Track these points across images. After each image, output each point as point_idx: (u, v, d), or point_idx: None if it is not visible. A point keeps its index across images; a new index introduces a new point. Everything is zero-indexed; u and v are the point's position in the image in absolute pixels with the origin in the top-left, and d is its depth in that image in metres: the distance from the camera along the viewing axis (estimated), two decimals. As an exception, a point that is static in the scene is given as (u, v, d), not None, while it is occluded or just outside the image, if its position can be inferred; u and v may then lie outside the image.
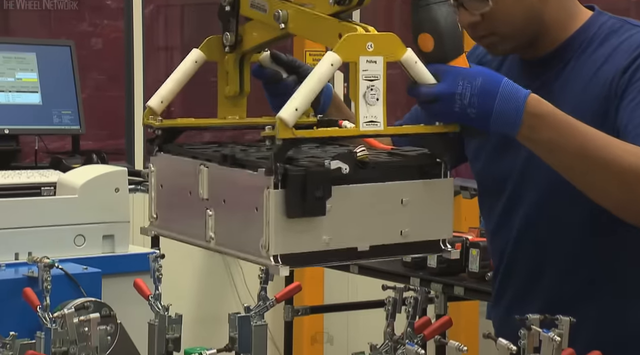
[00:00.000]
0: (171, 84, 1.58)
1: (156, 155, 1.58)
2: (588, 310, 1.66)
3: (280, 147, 1.33)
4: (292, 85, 1.65)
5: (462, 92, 1.43)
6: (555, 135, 1.47)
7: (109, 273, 2.23)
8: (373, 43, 1.36)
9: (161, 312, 1.94)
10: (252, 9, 1.55)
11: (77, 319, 1.59)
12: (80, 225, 2.37)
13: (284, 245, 1.34)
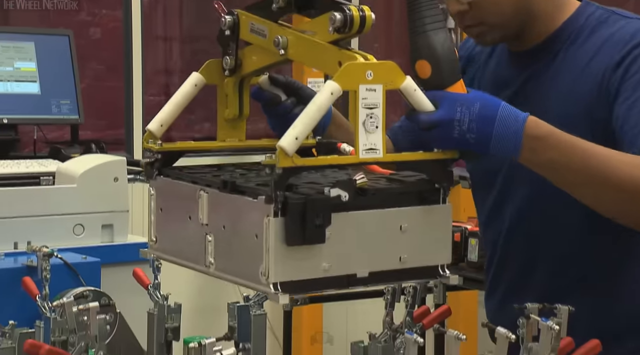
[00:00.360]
0: (171, 108, 1.59)
1: (155, 179, 1.59)
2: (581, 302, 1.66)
3: (280, 176, 1.34)
4: (291, 107, 1.67)
5: (460, 118, 1.44)
6: (556, 155, 1.48)
7: (108, 262, 2.23)
8: (372, 71, 1.38)
9: (160, 301, 1.94)
10: (252, 33, 1.56)
11: (76, 308, 1.59)
12: (79, 214, 2.38)
13: (284, 273, 1.35)
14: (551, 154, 1.48)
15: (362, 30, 1.42)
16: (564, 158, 1.48)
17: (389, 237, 1.36)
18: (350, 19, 1.40)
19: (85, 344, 1.58)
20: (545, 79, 1.68)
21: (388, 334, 1.67)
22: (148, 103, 4.83)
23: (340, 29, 1.41)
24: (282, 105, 1.67)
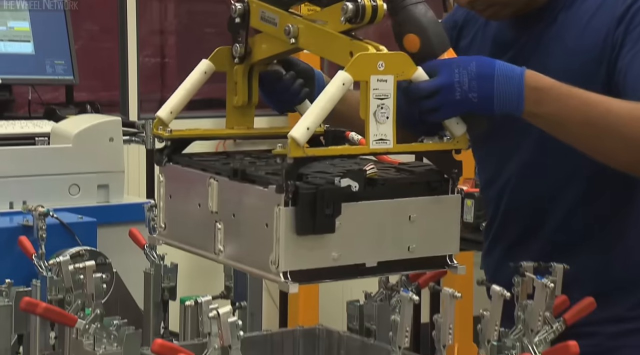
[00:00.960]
0: (180, 94, 1.59)
1: (165, 166, 1.60)
2: (581, 260, 1.66)
3: (291, 166, 1.34)
4: (291, 82, 1.67)
5: (460, 79, 1.44)
6: (560, 106, 1.48)
7: (104, 222, 2.24)
8: (384, 62, 1.38)
9: (156, 261, 1.94)
10: (262, 22, 1.56)
11: (72, 267, 1.59)
12: (74, 174, 2.37)
13: (294, 262, 1.36)
14: (554, 106, 1.48)
15: (374, 20, 1.42)
16: (568, 109, 1.48)
17: (397, 227, 1.36)
18: (362, 9, 1.40)
19: (82, 303, 1.59)
20: (547, 39, 1.67)
21: (384, 293, 1.67)
22: (143, 64, 4.80)
23: (352, 19, 1.41)
24: (282, 81, 1.67)
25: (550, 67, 1.63)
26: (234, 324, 1.33)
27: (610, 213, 1.68)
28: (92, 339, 1.54)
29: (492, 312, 1.40)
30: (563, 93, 1.49)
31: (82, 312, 1.58)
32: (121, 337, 1.55)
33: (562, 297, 1.55)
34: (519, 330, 1.49)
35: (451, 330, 1.36)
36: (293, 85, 1.66)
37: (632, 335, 1.67)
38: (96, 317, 1.55)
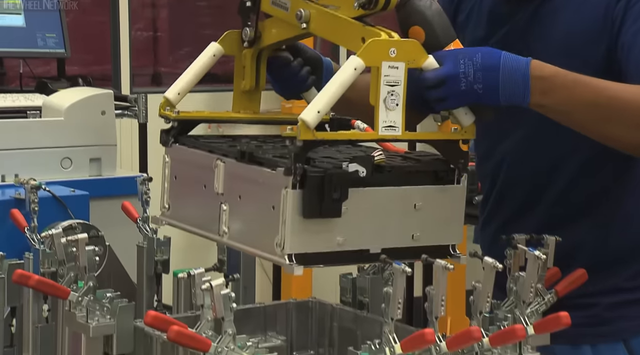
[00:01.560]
0: (189, 76, 1.59)
1: (171, 147, 1.60)
2: (578, 233, 1.67)
3: (300, 148, 1.34)
4: (299, 69, 1.67)
5: (465, 70, 1.44)
6: (567, 94, 1.48)
7: (96, 196, 2.23)
8: (396, 49, 1.38)
9: (150, 234, 1.94)
10: (274, 6, 1.55)
11: (65, 239, 1.59)
12: (66, 148, 2.37)
13: (299, 245, 1.36)
14: (560, 95, 1.48)
15: (387, 7, 1.41)
16: (574, 97, 1.48)
17: (402, 215, 1.36)
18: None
19: (74, 275, 1.58)
20: (543, 14, 1.66)
21: (376, 266, 1.68)
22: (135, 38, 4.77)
23: (366, 5, 1.40)
24: (290, 67, 1.67)
25: (547, 42, 1.62)
26: (226, 296, 1.33)
27: (612, 183, 1.68)
28: (85, 311, 1.55)
29: (484, 283, 1.40)
30: (569, 81, 1.49)
31: (75, 285, 1.58)
32: (114, 309, 1.55)
33: (554, 269, 1.56)
34: (511, 302, 1.49)
35: (443, 302, 1.36)
36: (301, 71, 1.67)
37: (630, 305, 1.68)
38: (89, 289, 1.55)
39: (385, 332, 1.32)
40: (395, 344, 1.32)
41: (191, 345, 1.33)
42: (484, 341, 1.36)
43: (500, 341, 1.36)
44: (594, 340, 1.68)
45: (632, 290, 1.68)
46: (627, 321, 1.68)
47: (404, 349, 1.31)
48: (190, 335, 1.32)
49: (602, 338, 1.68)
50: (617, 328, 1.68)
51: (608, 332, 1.68)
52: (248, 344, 1.33)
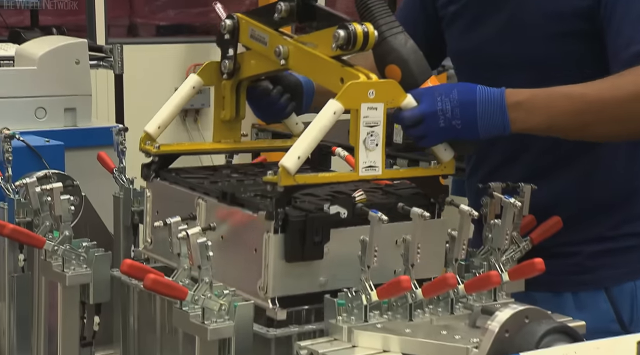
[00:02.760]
0: (169, 109, 1.60)
1: (152, 182, 1.61)
2: (564, 180, 1.68)
3: (282, 194, 1.36)
4: (279, 97, 1.68)
5: (442, 107, 1.46)
6: (546, 112, 1.49)
7: (71, 146, 2.21)
8: (375, 90, 1.40)
9: (126, 185, 1.93)
10: (252, 39, 1.57)
11: (40, 189, 1.58)
12: (40, 97, 2.34)
13: (282, 288, 1.37)
14: (539, 115, 1.49)
15: (365, 47, 1.43)
16: (552, 112, 1.50)
17: (384, 252, 1.36)
18: (354, 36, 1.41)
19: (50, 225, 1.58)
20: None
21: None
22: (110, -12, 4.70)
23: (344, 46, 1.42)
24: (270, 96, 1.68)
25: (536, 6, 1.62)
26: (203, 245, 1.33)
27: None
28: (61, 260, 1.54)
29: (460, 231, 1.41)
30: (544, 99, 1.50)
31: (50, 234, 1.57)
32: (90, 258, 1.55)
33: (529, 217, 1.57)
34: (487, 250, 1.50)
35: (419, 249, 1.37)
36: (280, 100, 1.69)
37: (612, 254, 1.69)
38: (65, 238, 1.55)
39: (362, 280, 1.33)
40: (372, 291, 1.32)
41: (168, 293, 1.33)
42: (459, 288, 1.37)
43: (476, 288, 1.37)
44: (575, 288, 1.69)
45: (615, 239, 1.70)
46: (609, 270, 1.70)
47: (380, 296, 1.32)
48: (166, 283, 1.32)
49: (583, 286, 1.69)
50: (599, 276, 1.69)
51: (590, 280, 1.70)
52: (225, 292, 1.33)
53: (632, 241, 1.70)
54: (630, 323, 1.70)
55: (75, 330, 1.57)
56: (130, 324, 1.61)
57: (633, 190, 1.70)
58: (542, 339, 1.10)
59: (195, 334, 1.33)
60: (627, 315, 1.70)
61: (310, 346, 1.27)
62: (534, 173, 1.65)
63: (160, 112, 1.61)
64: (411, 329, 1.30)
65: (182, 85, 1.63)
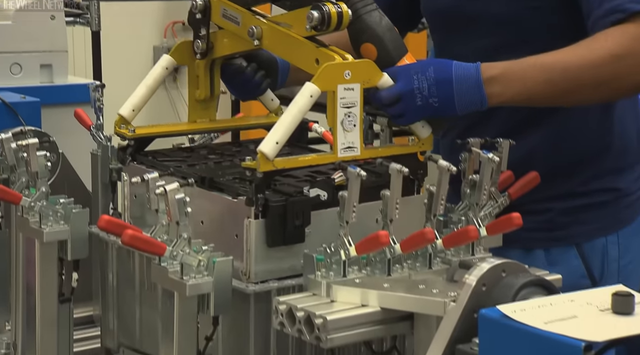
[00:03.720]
0: (142, 91, 1.59)
1: (129, 166, 1.60)
2: (536, 137, 1.68)
3: (261, 180, 1.36)
4: (253, 75, 1.67)
5: (419, 86, 1.45)
6: (521, 84, 1.49)
7: (48, 103, 2.19)
8: (350, 71, 1.40)
9: (103, 142, 1.92)
10: (224, 19, 1.56)
11: (15, 145, 1.56)
12: (15, 53, 2.31)
13: (264, 273, 1.37)
14: (515, 86, 1.49)
15: (340, 27, 1.42)
16: (528, 83, 1.49)
17: (365, 231, 1.36)
18: (328, 16, 1.41)
19: (26, 181, 1.56)
20: None
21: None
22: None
23: (318, 27, 1.41)
24: (244, 74, 1.67)
25: None
26: (181, 201, 1.33)
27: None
28: (38, 216, 1.53)
29: (439, 187, 1.41)
30: (519, 70, 1.50)
31: (27, 191, 1.56)
32: (68, 215, 1.54)
33: (507, 172, 1.57)
34: (465, 206, 1.51)
35: (398, 205, 1.37)
36: (255, 77, 1.68)
37: (583, 210, 1.71)
38: (41, 194, 1.54)
39: (340, 235, 1.33)
40: (350, 246, 1.33)
41: (146, 249, 1.33)
42: (437, 243, 1.37)
43: (453, 242, 1.38)
44: (547, 244, 1.70)
45: (586, 195, 1.70)
46: (581, 226, 1.71)
47: (358, 251, 1.33)
48: (144, 239, 1.32)
49: (555, 242, 1.71)
50: (571, 233, 1.71)
51: (561, 237, 1.71)
52: (204, 248, 1.33)
53: (603, 197, 1.71)
54: (601, 278, 1.72)
55: (53, 287, 1.56)
56: (109, 281, 1.61)
57: (604, 146, 1.71)
58: (518, 292, 1.11)
59: (174, 290, 1.33)
60: (598, 271, 1.72)
61: (289, 301, 1.27)
62: (507, 129, 1.66)
63: (134, 94, 1.60)
64: (389, 284, 1.30)
65: (155, 66, 1.62)
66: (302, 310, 1.24)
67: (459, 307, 1.12)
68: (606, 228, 1.72)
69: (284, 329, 1.26)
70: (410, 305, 1.27)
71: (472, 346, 1.08)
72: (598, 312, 0.98)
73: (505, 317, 0.97)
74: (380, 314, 1.27)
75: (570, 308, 0.99)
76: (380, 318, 1.27)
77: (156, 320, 1.49)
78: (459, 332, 1.10)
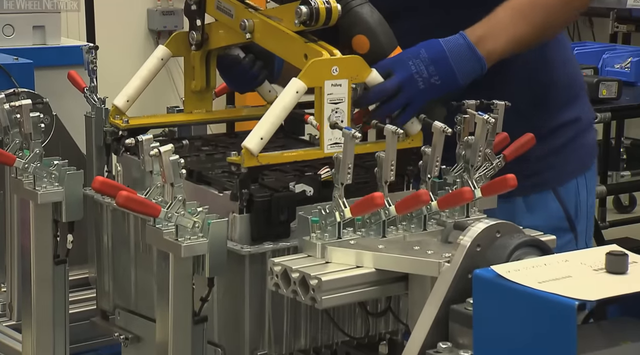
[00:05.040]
0: (137, 82, 1.59)
1: (122, 156, 1.60)
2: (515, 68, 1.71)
3: (245, 175, 1.36)
4: (250, 65, 1.67)
5: (417, 70, 1.46)
6: (506, 33, 1.52)
7: (41, 65, 2.18)
8: (338, 67, 1.39)
9: (97, 104, 1.91)
10: (219, 11, 1.56)
11: (8, 105, 1.55)
12: (6, 14, 2.30)
13: None
14: (502, 36, 1.51)
15: (329, 22, 1.42)
16: (509, 28, 1.52)
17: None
18: (316, 12, 1.41)
19: (20, 143, 1.56)
20: None
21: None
22: None
23: (307, 22, 1.41)
24: (241, 65, 1.66)
25: None
26: (175, 162, 1.32)
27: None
28: (33, 178, 1.53)
29: (434, 148, 1.41)
30: (497, 22, 1.52)
31: (21, 153, 1.56)
32: (62, 176, 1.53)
33: (502, 134, 1.57)
34: (460, 168, 1.50)
35: (393, 166, 1.37)
36: (252, 68, 1.67)
37: (553, 154, 1.76)
38: (35, 156, 1.53)
39: (335, 197, 1.33)
40: (345, 208, 1.33)
41: (141, 211, 1.32)
42: (432, 204, 1.37)
43: (448, 204, 1.38)
44: (525, 192, 1.73)
45: (552, 136, 1.75)
46: (553, 170, 1.76)
47: (353, 212, 1.33)
48: (139, 200, 1.32)
49: (532, 189, 1.75)
50: (546, 178, 1.76)
51: (539, 182, 1.76)
52: (199, 210, 1.33)
53: (568, 132, 1.78)
54: (576, 219, 1.76)
55: (48, 248, 1.56)
56: (104, 243, 1.62)
57: (552, 82, 1.76)
58: (513, 252, 1.11)
59: (169, 251, 1.33)
60: (573, 213, 1.78)
61: (284, 262, 1.27)
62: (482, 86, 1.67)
63: (129, 85, 1.60)
64: (384, 245, 1.30)
65: (150, 57, 1.62)
66: (297, 271, 1.25)
67: (453, 267, 1.12)
68: (575, 171, 1.79)
69: (279, 290, 1.27)
70: (404, 266, 1.27)
71: (466, 306, 1.09)
72: (592, 272, 0.98)
73: (500, 277, 0.97)
74: (374, 275, 1.28)
75: (564, 268, 0.99)
76: (375, 279, 1.28)
77: (151, 282, 1.49)
78: (453, 293, 1.11)
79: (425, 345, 1.10)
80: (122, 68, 4.98)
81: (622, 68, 4.22)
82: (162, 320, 1.37)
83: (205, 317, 1.37)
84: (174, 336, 1.34)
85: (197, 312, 1.37)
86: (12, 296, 1.94)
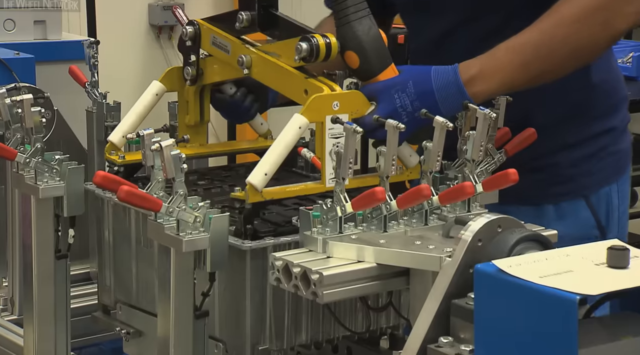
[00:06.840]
0: (132, 118, 1.59)
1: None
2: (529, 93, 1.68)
3: (249, 211, 1.37)
4: (243, 99, 1.67)
5: (401, 103, 1.45)
6: (500, 75, 1.50)
7: (42, 60, 2.18)
8: (339, 102, 1.40)
9: (99, 99, 1.91)
10: (214, 46, 1.56)
11: (9, 100, 1.55)
12: (8, 9, 2.30)
13: None
14: (495, 79, 1.49)
15: (328, 58, 1.43)
16: (506, 73, 1.50)
17: None
18: (317, 48, 1.42)
19: (21, 137, 1.56)
20: None
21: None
22: None
23: (307, 58, 1.42)
24: (234, 100, 1.67)
25: None
26: (177, 157, 1.32)
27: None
28: (34, 173, 1.53)
29: (435, 143, 1.41)
30: (494, 62, 1.50)
31: (22, 147, 1.56)
32: (63, 171, 1.53)
33: (504, 129, 1.57)
34: (462, 162, 1.50)
35: (394, 161, 1.37)
36: (244, 102, 1.68)
37: (586, 160, 1.72)
38: (36, 151, 1.53)
39: (337, 191, 1.33)
40: (347, 202, 1.33)
41: (142, 205, 1.32)
42: (433, 199, 1.37)
43: (450, 198, 1.37)
44: (556, 199, 1.72)
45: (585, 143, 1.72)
46: (585, 177, 1.73)
47: (354, 207, 1.33)
48: (141, 195, 1.32)
49: (563, 196, 1.72)
50: (578, 185, 1.73)
51: (570, 190, 1.72)
52: (200, 205, 1.33)
53: (601, 142, 1.73)
54: (607, 227, 1.74)
55: (49, 243, 1.56)
56: (105, 238, 1.62)
57: (592, 91, 1.72)
58: (514, 247, 1.11)
59: (171, 246, 1.33)
60: (604, 221, 1.74)
61: (286, 257, 1.27)
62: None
63: (124, 121, 1.61)
64: (385, 240, 1.30)
65: (145, 93, 1.62)
66: (298, 266, 1.25)
67: (454, 262, 1.12)
68: (608, 177, 1.74)
69: (280, 284, 1.27)
70: (406, 260, 1.27)
71: (467, 301, 1.08)
72: (593, 266, 0.98)
73: (501, 272, 0.97)
74: (376, 269, 1.27)
75: (566, 262, 0.99)
76: (376, 274, 1.28)
77: (153, 276, 1.49)
78: (454, 288, 1.11)
79: (427, 339, 1.10)
80: (123, 63, 5.00)
81: (623, 63, 4.22)
82: (164, 315, 1.37)
83: (206, 311, 1.38)
84: (175, 331, 1.35)
85: (198, 307, 1.37)
86: (14, 291, 1.94)
